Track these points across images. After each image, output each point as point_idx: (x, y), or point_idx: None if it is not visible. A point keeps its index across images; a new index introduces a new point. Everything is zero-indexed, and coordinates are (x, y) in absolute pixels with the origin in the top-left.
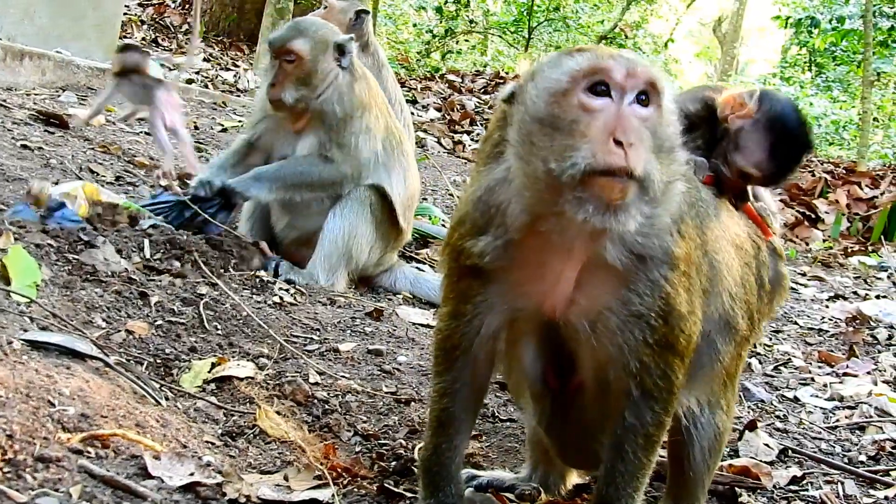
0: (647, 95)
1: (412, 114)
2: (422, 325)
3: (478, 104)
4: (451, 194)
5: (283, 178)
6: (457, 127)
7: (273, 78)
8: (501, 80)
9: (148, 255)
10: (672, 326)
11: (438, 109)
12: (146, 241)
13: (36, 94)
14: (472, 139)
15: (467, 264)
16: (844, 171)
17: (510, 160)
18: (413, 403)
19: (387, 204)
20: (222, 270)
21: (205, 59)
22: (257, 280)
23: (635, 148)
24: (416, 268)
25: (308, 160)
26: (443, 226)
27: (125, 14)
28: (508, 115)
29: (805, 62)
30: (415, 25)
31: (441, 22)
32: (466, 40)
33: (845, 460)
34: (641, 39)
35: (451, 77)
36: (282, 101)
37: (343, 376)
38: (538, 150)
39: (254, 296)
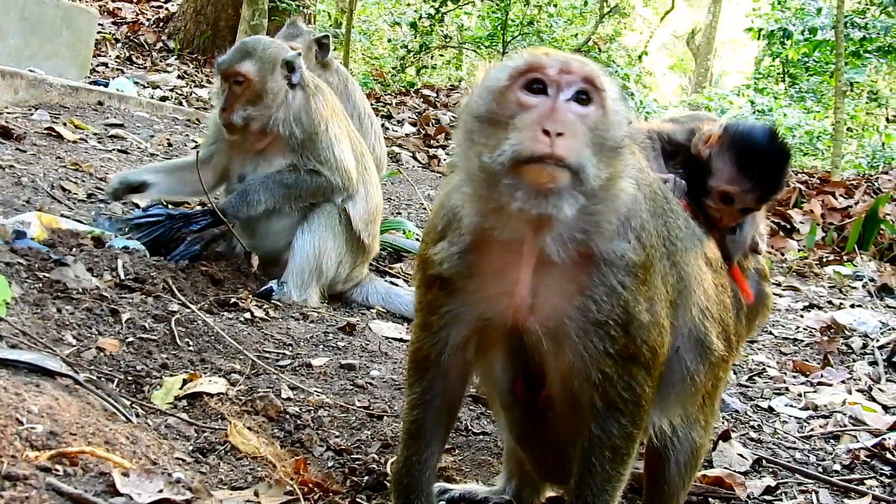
0: (587, 94)
1: (387, 129)
2: (395, 340)
3: (453, 119)
4: (425, 208)
5: (272, 192)
6: (432, 141)
7: (223, 102)
8: None
9: (121, 275)
10: (633, 336)
11: (413, 124)
12: (119, 261)
13: (8, 113)
14: (446, 153)
15: (432, 273)
16: (819, 182)
17: (458, 163)
18: (386, 418)
19: (350, 218)
20: (196, 288)
21: (179, 77)
22: (229, 296)
23: (565, 138)
24: (390, 282)
25: (293, 175)
26: (416, 240)
27: (99, 32)
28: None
29: (778, 73)
30: (389, 41)
31: (416, 37)
32: (441, 55)
33: (819, 469)
34: (615, 52)
35: (426, 92)
36: (233, 125)
37: (315, 391)
38: (476, 146)
39: (225, 312)
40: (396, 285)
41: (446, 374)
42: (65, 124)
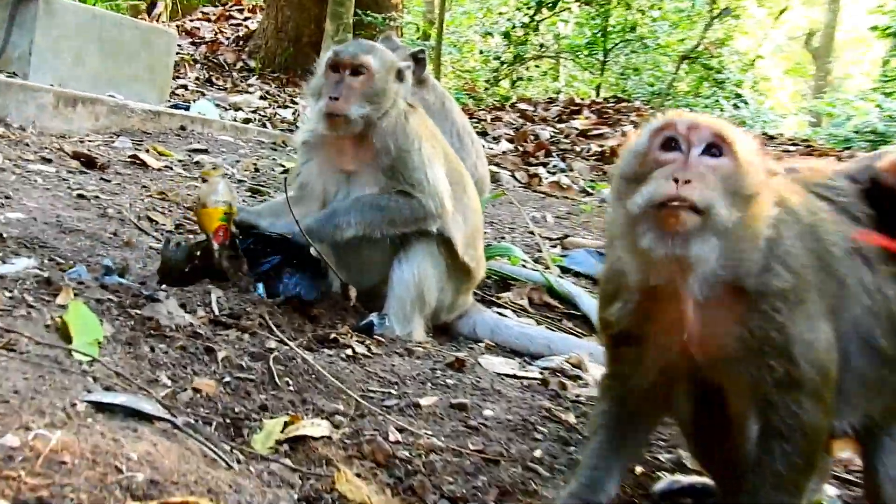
0: (718, 147)
1: (483, 146)
2: (507, 376)
3: (553, 133)
4: (530, 232)
5: (363, 215)
6: (531, 159)
7: (334, 90)
8: (576, 107)
9: (215, 311)
10: (796, 361)
11: (510, 140)
12: (213, 296)
13: (90, 141)
14: (548, 171)
15: (612, 332)
16: None
17: (614, 224)
18: (503, 462)
19: (449, 244)
20: (293, 325)
21: (261, 97)
22: (328, 332)
23: (694, 184)
24: (498, 313)
25: (385, 197)
26: (523, 265)
27: (177, 54)
28: None
29: None
30: (481, 52)
31: (509, 48)
32: (537, 66)
33: None
34: (727, 58)
35: (522, 105)
36: (342, 118)
37: (426, 433)
38: (623, 202)
39: (325, 349)
40: (505, 316)
41: (635, 411)
42: (148, 151)
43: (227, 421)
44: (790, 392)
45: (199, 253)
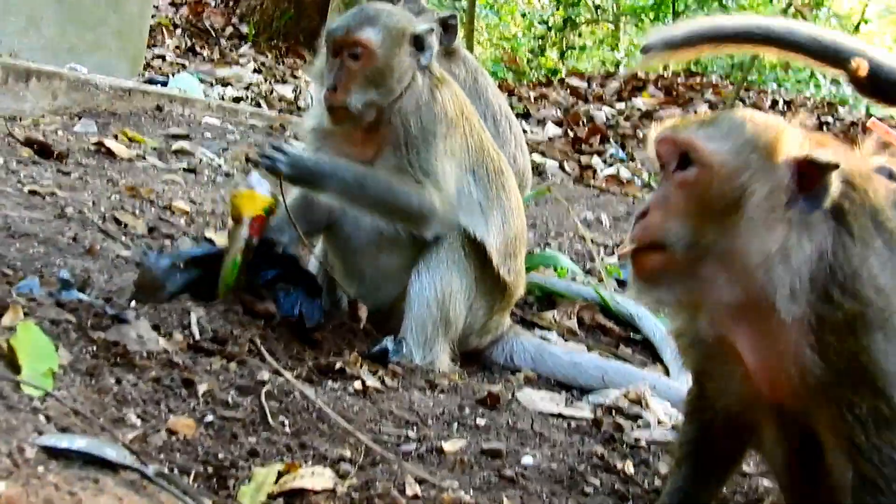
0: (687, 158)
1: (525, 131)
2: (551, 415)
3: (610, 115)
4: (581, 237)
5: (355, 176)
6: (583, 146)
7: (333, 79)
8: (639, 83)
9: (196, 334)
10: (881, 393)
11: (559, 124)
12: (192, 315)
13: (46, 124)
14: (604, 161)
15: (692, 370)
16: None
17: None
18: None
19: (481, 250)
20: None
21: (255, 70)
22: (332, 360)
23: (650, 216)
24: (540, 336)
25: (394, 177)
26: (572, 278)
27: (153, 17)
28: None
29: None
30: (524, 16)
31: (558, 10)
32: (592, 32)
33: None
34: (824, 21)
35: (573, 81)
36: (346, 110)
37: (450, 485)
38: None
39: (329, 381)
40: (549, 340)
41: (721, 442)
42: (116, 137)
43: (209, 470)
44: (881, 433)
45: (236, 260)
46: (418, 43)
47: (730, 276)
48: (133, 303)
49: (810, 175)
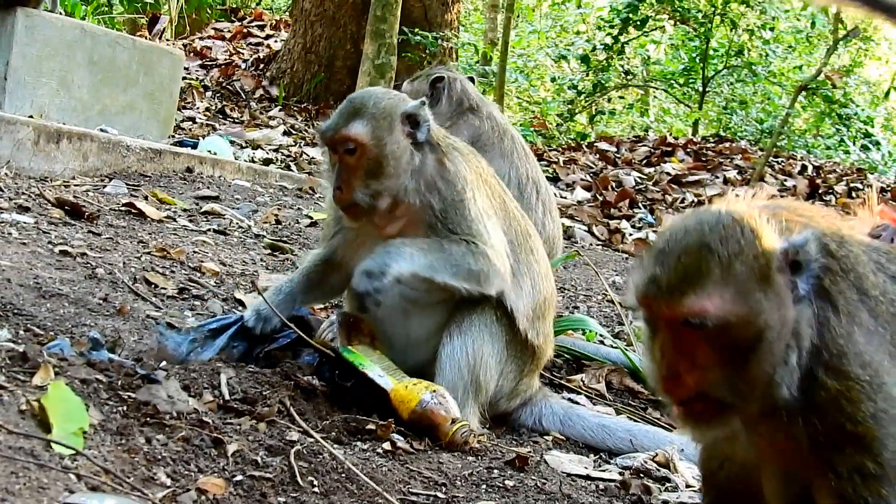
0: (696, 320)
1: (554, 195)
2: (579, 477)
3: (639, 179)
4: (610, 301)
5: (423, 251)
6: (612, 210)
7: (337, 180)
8: (668, 148)
9: (225, 394)
10: (868, 450)
11: (588, 188)
12: (222, 376)
13: (76, 185)
14: (633, 226)
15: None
16: None
17: None
18: None
19: (513, 315)
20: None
21: (285, 133)
22: (361, 421)
23: (688, 376)
24: (568, 399)
25: (441, 241)
26: (600, 342)
27: (184, 79)
28: None
29: None
30: (553, 80)
31: (588, 75)
32: (621, 97)
33: None
34: (854, 89)
35: (602, 146)
36: (357, 207)
37: None
38: None
39: (358, 442)
40: (578, 403)
41: (725, 494)
42: (146, 198)
43: None
44: (871, 485)
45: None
46: (412, 121)
47: (760, 393)
48: (161, 363)
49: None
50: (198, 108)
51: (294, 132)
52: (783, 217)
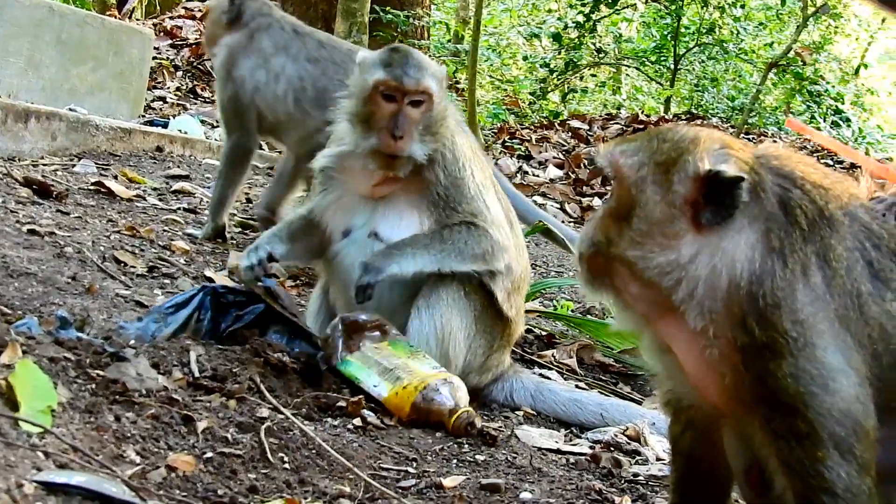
0: None
1: (526, 172)
2: (550, 451)
3: None
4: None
5: (426, 247)
6: (585, 188)
7: (398, 129)
8: (641, 125)
9: (195, 372)
10: (795, 411)
11: (560, 166)
12: (192, 354)
13: (45, 164)
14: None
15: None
16: None
17: None
18: None
19: (484, 288)
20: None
21: None
22: (332, 397)
23: None
24: (540, 374)
25: (444, 230)
26: (571, 314)
27: (154, 58)
28: None
29: None
30: (526, 59)
31: (560, 53)
32: (593, 75)
33: None
34: (824, 66)
35: (574, 123)
36: (411, 158)
37: None
38: None
39: (329, 418)
40: (549, 378)
41: (690, 459)
42: (116, 177)
43: None
44: (807, 448)
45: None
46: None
47: (637, 282)
48: (131, 341)
49: (718, 189)
50: (168, 87)
51: None
52: (773, 163)
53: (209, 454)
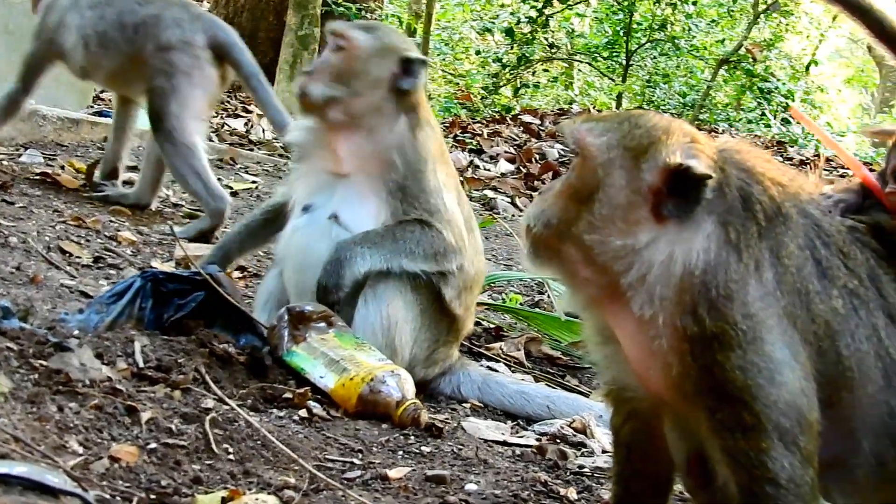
0: None
1: (477, 167)
2: (496, 443)
3: (563, 152)
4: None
5: (376, 245)
6: (536, 182)
7: (311, 66)
8: None
9: (139, 362)
10: (741, 402)
11: (511, 160)
12: (136, 344)
13: None
14: None
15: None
16: None
17: None
18: None
19: (433, 285)
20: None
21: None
22: (278, 389)
23: None
24: (488, 367)
25: (397, 227)
26: (520, 306)
27: None
28: None
29: None
30: (478, 53)
31: (512, 48)
32: (546, 70)
33: None
34: (775, 63)
35: (526, 118)
36: (308, 96)
37: None
38: None
39: (274, 409)
40: (496, 371)
41: (631, 451)
42: (63, 167)
43: (152, 497)
44: (751, 439)
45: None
46: (405, 67)
47: (587, 265)
48: (74, 331)
49: (685, 183)
50: None
51: (216, 103)
52: (735, 157)
53: (153, 445)
